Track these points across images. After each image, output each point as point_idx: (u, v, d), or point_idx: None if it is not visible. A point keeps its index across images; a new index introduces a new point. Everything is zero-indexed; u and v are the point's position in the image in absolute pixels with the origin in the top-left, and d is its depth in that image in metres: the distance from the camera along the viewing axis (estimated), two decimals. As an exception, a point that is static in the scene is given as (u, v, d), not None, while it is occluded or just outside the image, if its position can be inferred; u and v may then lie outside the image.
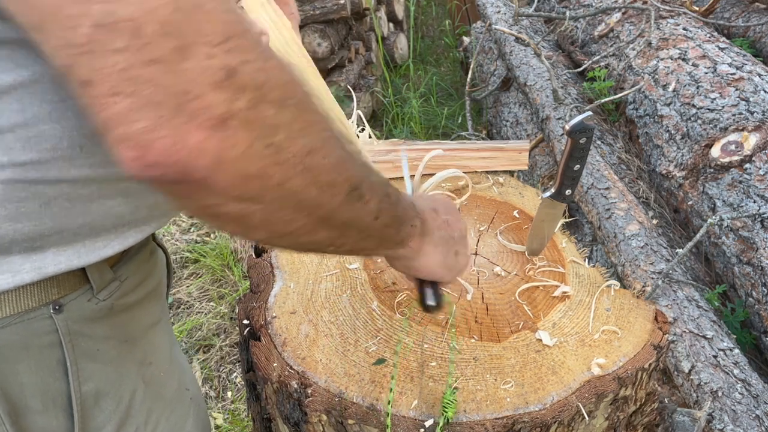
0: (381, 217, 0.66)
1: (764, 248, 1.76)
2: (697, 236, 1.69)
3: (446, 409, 0.83)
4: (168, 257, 1.00)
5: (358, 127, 1.41)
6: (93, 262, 0.73)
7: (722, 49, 2.42)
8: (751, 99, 2.09)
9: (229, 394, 2.15)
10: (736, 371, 1.51)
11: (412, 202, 0.76)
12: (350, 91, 2.19)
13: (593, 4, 3.19)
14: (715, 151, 2.05)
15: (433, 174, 1.24)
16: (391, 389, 0.86)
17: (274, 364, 0.92)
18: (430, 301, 0.83)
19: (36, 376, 0.72)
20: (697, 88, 2.26)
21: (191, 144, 0.46)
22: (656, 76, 2.46)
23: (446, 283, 0.87)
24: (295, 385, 0.88)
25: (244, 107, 0.47)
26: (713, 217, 1.83)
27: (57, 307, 0.71)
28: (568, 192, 1.00)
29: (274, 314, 1.00)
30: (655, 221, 2.04)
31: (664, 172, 2.26)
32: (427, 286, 0.83)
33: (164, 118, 0.46)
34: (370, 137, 1.44)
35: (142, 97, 0.45)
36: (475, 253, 1.13)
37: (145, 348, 0.85)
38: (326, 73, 3.99)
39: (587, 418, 0.86)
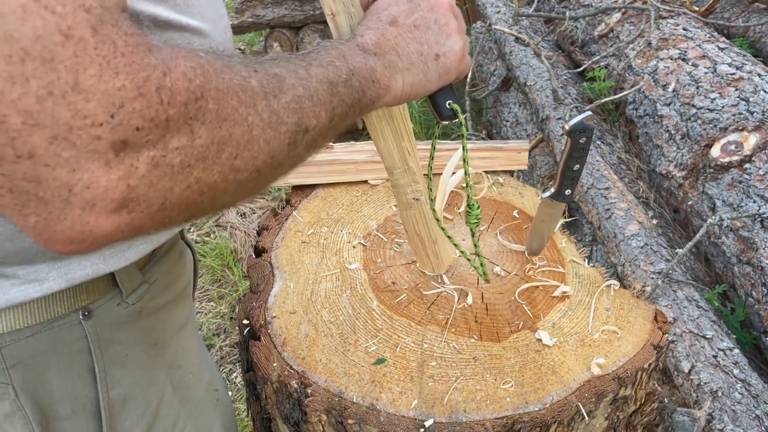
0: (335, 118, 0.60)
1: (764, 248, 1.76)
2: (697, 236, 1.69)
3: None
4: (195, 257, 0.99)
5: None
6: (120, 266, 0.72)
7: (722, 49, 2.42)
8: (751, 99, 2.09)
9: (229, 394, 2.15)
10: (736, 371, 1.51)
11: (361, 48, 0.66)
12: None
13: (593, 4, 3.19)
14: (715, 151, 2.05)
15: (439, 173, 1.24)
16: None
17: (274, 364, 0.92)
18: (443, 112, 0.78)
19: (65, 383, 0.72)
20: (697, 88, 2.26)
21: (99, 232, 0.43)
22: (656, 76, 2.46)
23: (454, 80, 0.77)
24: (295, 385, 0.88)
25: (147, 171, 0.43)
26: (713, 217, 1.83)
27: (86, 313, 0.71)
28: (567, 192, 1.00)
29: (273, 314, 1.00)
30: (655, 221, 2.04)
31: (664, 172, 2.26)
32: (433, 98, 0.78)
33: (54, 213, 0.42)
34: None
35: (23, 193, 0.41)
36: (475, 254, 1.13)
37: (174, 350, 0.85)
38: (326, 73, 3.99)
39: (587, 418, 0.86)
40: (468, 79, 3.60)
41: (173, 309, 0.85)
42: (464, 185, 1.32)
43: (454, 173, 1.23)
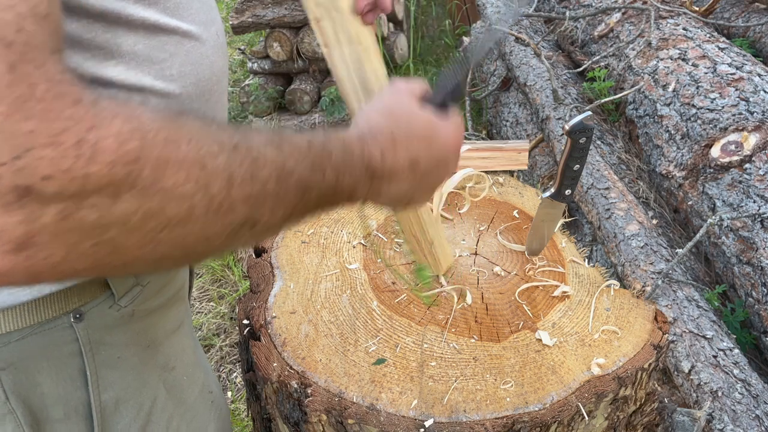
0: (292, 218, 0.55)
1: (764, 248, 1.76)
2: (697, 236, 1.69)
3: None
4: None
5: None
6: None
7: (722, 49, 2.42)
8: (751, 99, 2.09)
9: (229, 394, 2.15)
10: (736, 371, 1.51)
11: (368, 170, 0.61)
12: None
13: (593, 4, 3.19)
14: (715, 151, 2.05)
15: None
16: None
17: (274, 364, 0.92)
18: None
19: (57, 386, 0.72)
20: (697, 88, 2.26)
21: None
22: (656, 76, 2.46)
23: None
24: (295, 385, 0.88)
25: (52, 221, 0.40)
26: (713, 217, 1.83)
27: (77, 316, 0.70)
28: (567, 192, 1.00)
29: (274, 314, 1.00)
30: (655, 221, 2.04)
31: (664, 172, 2.26)
32: None
33: None
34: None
35: None
36: (475, 253, 1.13)
37: (168, 352, 0.84)
38: (326, 74, 4.00)
39: (587, 417, 0.86)
40: (468, 79, 3.60)
41: (167, 311, 0.84)
42: (464, 185, 1.32)
43: (453, 173, 1.23)
